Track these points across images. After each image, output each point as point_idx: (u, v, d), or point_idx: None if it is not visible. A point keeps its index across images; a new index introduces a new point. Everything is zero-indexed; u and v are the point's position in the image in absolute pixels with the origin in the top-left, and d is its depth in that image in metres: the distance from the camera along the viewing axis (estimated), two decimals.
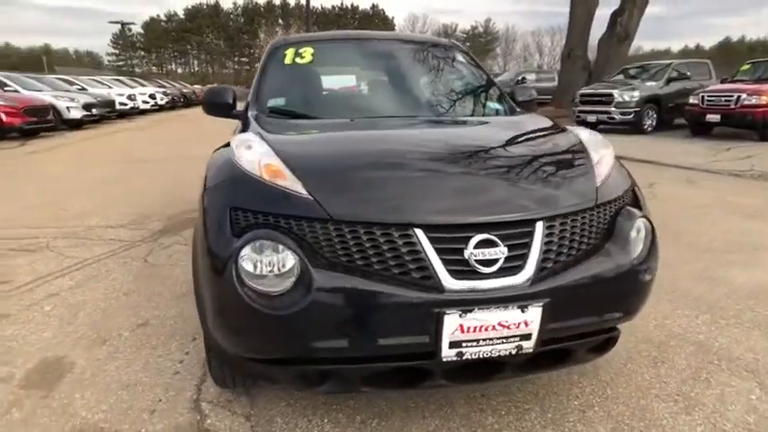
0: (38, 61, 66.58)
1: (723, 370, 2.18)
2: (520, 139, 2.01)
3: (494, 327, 1.37)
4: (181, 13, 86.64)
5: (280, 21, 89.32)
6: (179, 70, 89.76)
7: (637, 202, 1.76)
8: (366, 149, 1.78)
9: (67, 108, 12.59)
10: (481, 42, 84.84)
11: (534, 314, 1.39)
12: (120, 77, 23.41)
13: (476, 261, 1.37)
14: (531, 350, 1.44)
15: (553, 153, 1.84)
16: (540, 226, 1.45)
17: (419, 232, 1.37)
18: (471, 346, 1.39)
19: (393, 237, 1.37)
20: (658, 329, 2.52)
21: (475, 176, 1.60)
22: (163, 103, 22.06)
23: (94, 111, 13.79)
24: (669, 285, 3.05)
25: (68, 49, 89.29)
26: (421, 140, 1.88)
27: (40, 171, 7.41)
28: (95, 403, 1.93)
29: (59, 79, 15.88)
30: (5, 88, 12.00)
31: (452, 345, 1.37)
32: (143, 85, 22.32)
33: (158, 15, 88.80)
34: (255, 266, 1.37)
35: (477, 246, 1.37)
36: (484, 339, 1.38)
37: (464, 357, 1.40)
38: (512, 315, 1.38)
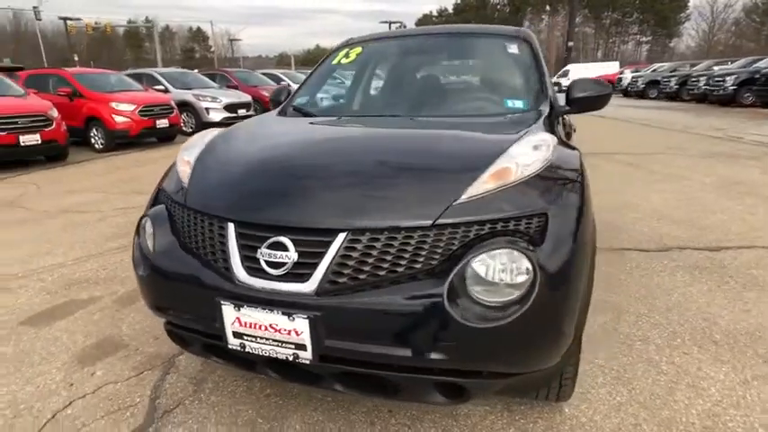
0: None
1: None
2: (432, 143, 1.78)
3: (266, 327, 1.37)
4: (450, 8, 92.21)
5: (547, 7, 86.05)
6: None
7: (542, 232, 1.37)
8: (257, 148, 1.85)
9: None
10: None
11: (302, 325, 1.32)
12: None
13: (266, 262, 1.38)
14: (308, 361, 1.37)
15: (441, 161, 1.57)
16: (340, 237, 1.33)
17: (231, 226, 1.46)
18: (251, 341, 1.41)
19: (214, 227, 1.50)
20: (702, 417, 1.83)
21: (317, 180, 1.53)
22: None
23: None
24: None
25: None
26: (332, 142, 1.85)
27: None
28: (135, 323, 2.61)
29: None
30: (281, 82, 15.42)
31: (236, 335, 1.43)
32: None
33: (430, 12, 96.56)
34: (145, 235, 1.71)
35: (271, 247, 1.38)
36: (261, 337, 1.39)
37: (246, 350, 1.43)
38: (280, 320, 1.34)
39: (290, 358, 1.38)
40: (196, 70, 15.73)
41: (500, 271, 1.31)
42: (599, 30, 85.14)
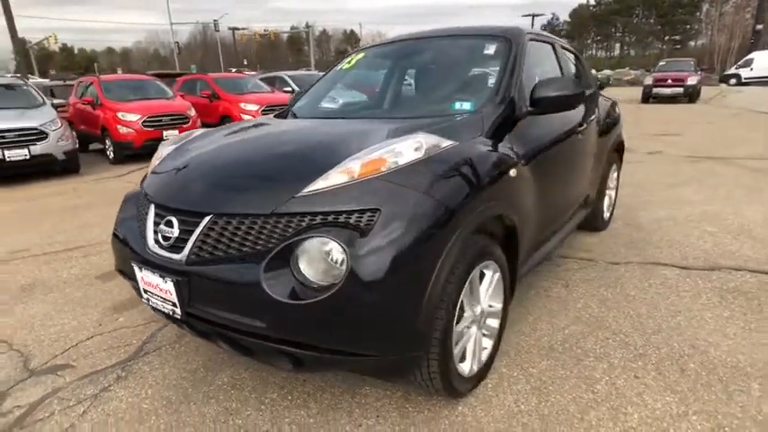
0: None
1: None
2: (309, 142, 1.98)
3: (154, 286, 1.72)
4: None
5: None
6: (600, 54, 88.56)
7: (371, 227, 1.49)
8: (198, 145, 2.17)
9: None
10: None
11: (170, 286, 1.64)
12: None
13: (162, 236, 1.73)
14: (179, 318, 1.69)
15: (302, 158, 1.77)
16: (206, 219, 1.62)
17: (152, 207, 1.84)
18: (151, 297, 1.78)
19: (146, 207, 1.89)
20: None
21: (203, 171, 1.84)
22: None
23: None
24: None
25: None
26: (241, 140, 2.13)
27: None
28: None
29: None
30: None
31: (144, 291, 1.80)
32: None
33: (587, 1, 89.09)
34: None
35: (167, 224, 1.73)
36: (154, 294, 1.75)
37: (150, 304, 1.80)
38: (159, 281, 1.68)
39: (170, 313, 1.73)
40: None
41: (315, 257, 1.48)
42: None
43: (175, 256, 1.68)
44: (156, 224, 1.80)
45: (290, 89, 12.66)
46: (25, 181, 7.16)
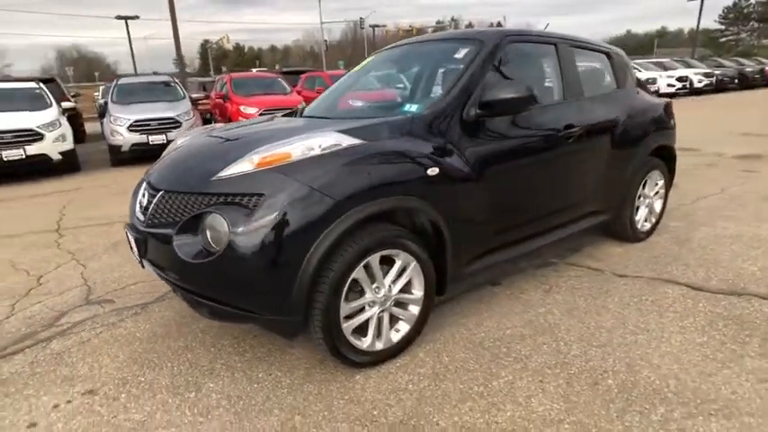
0: (650, 44, 72.71)
1: None
2: (248, 138, 2.31)
3: (130, 241, 2.27)
4: None
5: None
6: None
7: (257, 207, 1.82)
8: (200, 137, 2.66)
9: None
10: None
11: (133, 242, 2.18)
12: (663, 59, 23.17)
13: (140, 204, 2.28)
14: (142, 266, 2.21)
15: (232, 150, 2.11)
16: (159, 194, 2.11)
17: (144, 184, 2.40)
18: (132, 251, 2.33)
19: (142, 183, 2.47)
20: (456, 425, 1.85)
21: (181, 158, 2.31)
22: (701, 85, 20.49)
23: None
24: None
25: (683, 30, 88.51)
26: (230, 134, 2.50)
27: None
28: None
29: None
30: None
31: (131, 247, 2.35)
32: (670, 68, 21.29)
33: None
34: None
35: (143, 196, 2.27)
36: (132, 248, 2.29)
37: (133, 255, 2.35)
38: (130, 237, 2.23)
39: (138, 261, 2.28)
40: None
41: (210, 228, 1.88)
42: None
43: (142, 219, 2.21)
44: (143, 196, 2.36)
45: (402, 85, 13.16)
46: None
